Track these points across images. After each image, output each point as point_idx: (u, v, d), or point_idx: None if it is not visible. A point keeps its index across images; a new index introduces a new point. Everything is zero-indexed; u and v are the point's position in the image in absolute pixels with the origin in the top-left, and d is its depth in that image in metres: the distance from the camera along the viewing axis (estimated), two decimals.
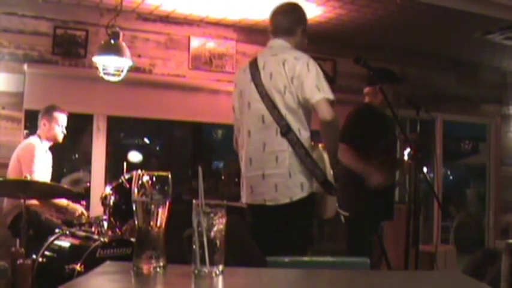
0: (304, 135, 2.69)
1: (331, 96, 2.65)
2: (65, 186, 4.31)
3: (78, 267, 3.15)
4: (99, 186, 4.71)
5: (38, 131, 4.09)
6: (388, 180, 3.60)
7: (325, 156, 2.73)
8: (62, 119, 4.10)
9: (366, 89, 3.85)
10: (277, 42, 2.83)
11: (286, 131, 2.66)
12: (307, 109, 2.71)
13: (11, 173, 3.93)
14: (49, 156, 4.19)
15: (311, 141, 2.75)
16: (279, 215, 2.71)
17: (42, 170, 3.92)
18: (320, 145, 2.78)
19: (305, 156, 2.65)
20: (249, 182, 2.80)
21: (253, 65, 2.81)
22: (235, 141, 2.98)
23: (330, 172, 2.71)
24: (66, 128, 4.16)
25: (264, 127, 2.72)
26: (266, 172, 2.70)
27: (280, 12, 2.86)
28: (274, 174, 2.68)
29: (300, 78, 2.64)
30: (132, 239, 3.38)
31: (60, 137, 4.12)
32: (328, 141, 2.75)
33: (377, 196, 3.57)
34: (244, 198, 2.85)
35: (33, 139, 4.04)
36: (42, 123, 4.06)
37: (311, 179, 2.69)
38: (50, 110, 4.07)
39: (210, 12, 4.93)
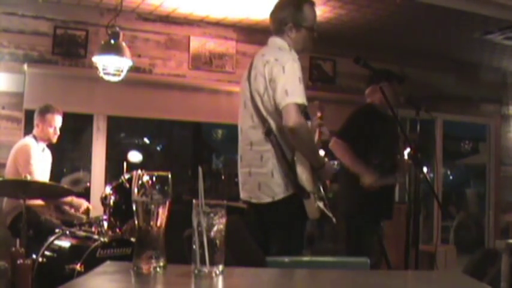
0: (284, 138, 2.67)
1: (300, 100, 2.57)
2: (65, 186, 4.31)
3: (78, 267, 3.15)
4: (99, 186, 4.71)
5: (34, 131, 4.09)
6: (382, 181, 3.59)
7: (300, 162, 2.67)
8: (55, 120, 4.07)
9: (367, 90, 3.87)
10: (273, 41, 2.82)
11: (268, 132, 2.68)
12: None
13: (8, 174, 3.93)
14: (47, 155, 4.18)
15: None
16: (264, 213, 2.75)
17: (37, 171, 3.90)
18: None
19: (282, 158, 2.66)
20: (240, 177, 2.88)
21: (251, 64, 2.82)
22: None
23: (304, 176, 2.65)
24: (66, 128, 4.15)
25: (253, 126, 2.74)
26: (252, 170, 2.75)
27: (274, 9, 2.85)
28: (259, 173, 2.72)
29: (275, 82, 2.61)
30: (132, 239, 3.39)
31: (53, 138, 4.10)
32: (296, 146, 2.66)
33: (377, 196, 3.57)
34: (240, 193, 2.91)
35: (28, 139, 4.04)
36: (35, 123, 4.06)
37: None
38: (43, 112, 4.05)
39: (210, 12, 4.93)
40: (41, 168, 3.99)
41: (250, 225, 2.85)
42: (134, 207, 1.27)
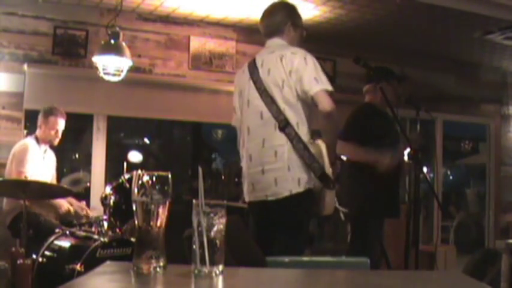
0: (302, 130, 2.70)
1: (329, 87, 2.69)
2: (65, 186, 4.31)
3: (78, 267, 3.15)
4: (99, 186, 4.71)
5: (36, 132, 4.08)
6: (396, 157, 3.59)
7: (324, 151, 2.72)
8: (57, 123, 4.05)
9: (366, 87, 3.85)
10: (274, 42, 2.89)
11: (284, 126, 2.69)
12: (307, 103, 2.71)
13: (6, 173, 3.93)
14: (50, 157, 4.18)
15: (311, 138, 2.74)
16: (280, 210, 2.73)
17: (37, 171, 3.88)
18: (319, 140, 2.76)
19: (303, 150, 2.67)
20: (250, 179, 2.84)
21: (252, 64, 2.86)
22: (239, 142, 2.99)
23: (328, 166, 2.70)
24: (66, 128, 4.15)
25: (263, 123, 2.75)
26: (265, 167, 2.73)
27: (267, 15, 2.94)
28: (274, 168, 2.71)
29: (299, 72, 2.68)
30: (132, 239, 3.39)
31: (54, 141, 4.10)
32: (327, 133, 2.75)
33: (382, 194, 3.57)
34: (247, 196, 2.88)
35: (28, 140, 4.03)
36: (38, 124, 4.06)
37: (309, 174, 2.69)
38: (46, 114, 4.04)
39: (210, 12, 4.93)
40: (41, 169, 3.98)
41: (257, 225, 2.85)
42: (134, 207, 1.26)
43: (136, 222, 1.27)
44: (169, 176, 1.28)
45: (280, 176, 2.69)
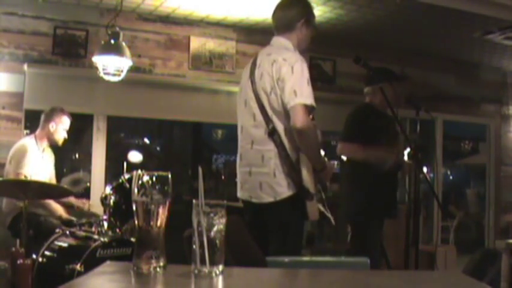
0: (290, 137, 2.67)
1: (308, 101, 2.60)
2: (65, 186, 4.31)
3: (78, 267, 3.15)
4: (99, 186, 4.71)
5: (37, 132, 4.08)
6: (399, 153, 3.59)
7: (304, 161, 2.67)
8: (68, 122, 4.13)
9: (366, 89, 3.86)
10: (277, 41, 2.83)
11: (271, 132, 2.68)
12: None
13: (6, 174, 3.93)
14: (48, 156, 4.18)
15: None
16: (265, 213, 2.74)
17: (36, 171, 3.89)
18: None
19: (285, 158, 2.66)
20: (239, 176, 2.86)
21: (254, 63, 2.83)
22: None
23: (307, 178, 2.66)
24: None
25: (255, 125, 2.74)
26: (253, 169, 2.74)
27: (280, 8, 2.85)
28: (260, 172, 2.71)
29: (283, 82, 2.62)
30: (132, 239, 3.39)
31: (61, 141, 4.14)
32: (302, 148, 2.67)
33: (382, 194, 3.57)
34: (238, 193, 2.90)
35: (27, 140, 4.03)
36: (50, 124, 4.04)
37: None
38: (59, 113, 4.07)
39: (210, 12, 4.93)
40: (40, 168, 3.99)
41: (249, 225, 2.84)
42: (134, 207, 1.27)
43: (136, 222, 1.27)
44: (169, 176, 1.28)
45: (266, 181, 2.69)
